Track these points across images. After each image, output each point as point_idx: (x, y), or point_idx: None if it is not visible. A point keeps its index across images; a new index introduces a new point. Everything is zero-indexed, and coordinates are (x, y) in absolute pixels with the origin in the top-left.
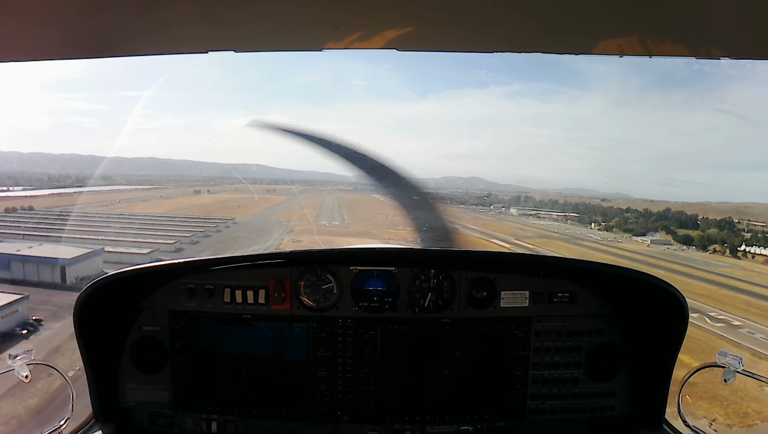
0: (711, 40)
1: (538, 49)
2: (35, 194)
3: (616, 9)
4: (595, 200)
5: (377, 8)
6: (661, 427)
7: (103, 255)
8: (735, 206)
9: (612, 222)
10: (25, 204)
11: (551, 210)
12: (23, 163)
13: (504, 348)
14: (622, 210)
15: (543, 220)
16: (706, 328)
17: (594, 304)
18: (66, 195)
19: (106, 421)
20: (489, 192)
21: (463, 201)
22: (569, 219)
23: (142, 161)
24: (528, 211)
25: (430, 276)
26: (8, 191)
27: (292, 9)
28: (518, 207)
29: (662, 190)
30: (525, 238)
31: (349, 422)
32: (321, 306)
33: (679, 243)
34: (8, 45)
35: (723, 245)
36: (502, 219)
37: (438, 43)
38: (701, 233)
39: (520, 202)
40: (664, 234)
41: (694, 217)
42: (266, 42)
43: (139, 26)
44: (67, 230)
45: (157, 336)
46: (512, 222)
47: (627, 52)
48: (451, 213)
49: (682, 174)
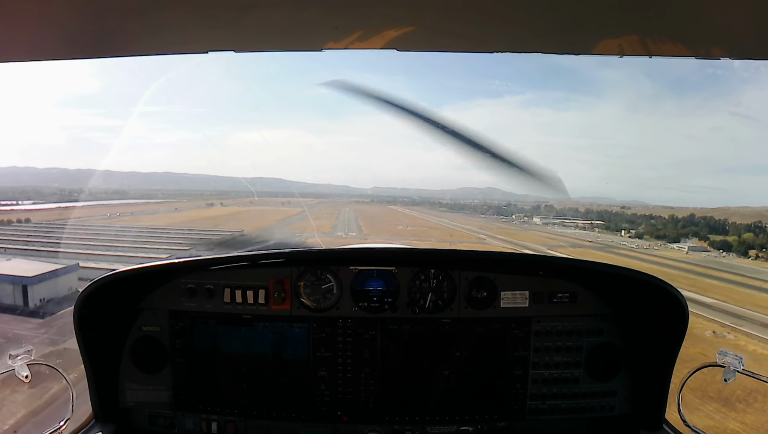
0: (711, 40)
1: (538, 49)
2: (41, 208)
3: (616, 9)
4: (615, 207)
5: (377, 8)
6: (661, 427)
7: (78, 271)
8: (757, 210)
9: (641, 229)
10: (29, 217)
11: (574, 218)
12: (38, 177)
13: (504, 348)
14: (647, 216)
15: (569, 229)
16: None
17: (594, 304)
18: (71, 208)
19: (106, 421)
20: (507, 202)
21: (483, 211)
22: (596, 228)
23: (157, 175)
24: (551, 219)
25: (430, 276)
26: (16, 205)
27: (292, 9)
28: (541, 216)
29: (678, 196)
30: (558, 248)
31: (349, 422)
32: (321, 306)
33: (715, 249)
34: (8, 45)
35: (762, 250)
36: (527, 228)
37: (438, 44)
38: (738, 238)
39: (540, 211)
40: (697, 241)
41: (722, 221)
42: (266, 42)
43: (138, 26)
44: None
45: (157, 336)
46: (538, 232)
47: (627, 52)
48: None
49: (698, 179)
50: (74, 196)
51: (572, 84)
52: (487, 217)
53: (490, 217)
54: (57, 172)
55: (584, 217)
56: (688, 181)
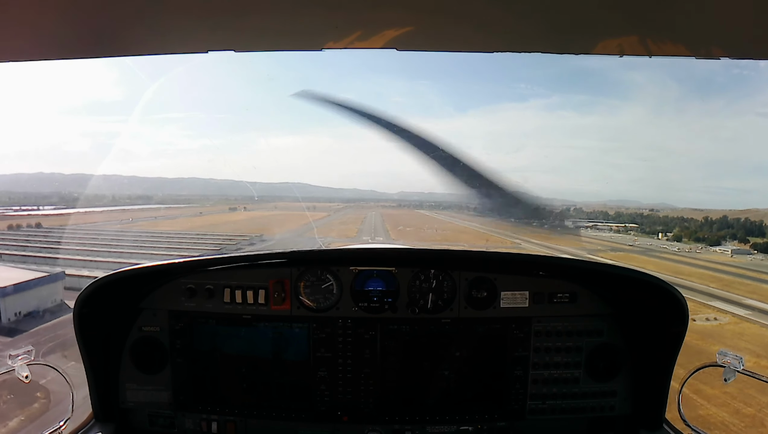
0: (711, 40)
1: (538, 49)
2: (60, 213)
3: (616, 9)
4: (643, 210)
5: (377, 8)
6: (661, 427)
7: (65, 280)
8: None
9: (676, 232)
10: (40, 222)
11: (605, 221)
12: (64, 183)
13: (504, 349)
14: (679, 219)
15: (603, 232)
16: None
17: (594, 304)
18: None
19: (106, 421)
20: (536, 205)
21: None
22: (630, 231)
23: (183, 181)
24: (584, 223)
25: (430, 276)
26: (37, 210)
27: (292, 9)
28: (571, 219)
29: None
30: (597, 252)
31: (349, 422)
32: (321, 306)
33: (760, 251)
34: (7, 45)
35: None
36: (558, 231)
37: (438, 44)
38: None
39: (569, 214)
40: (737, 243)
41: (758, 223)
42: (266, 42)
43: (138, 26)
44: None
45: (157, 336)
46: (572, 236)
47: (627, 52)
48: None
49: (725, 181)
50: (96, 201)
51: (597, 86)
52: (516, 220)
53: (518, 220)
54: (83, 177)
55: (614, 220)
56: (715, 183)
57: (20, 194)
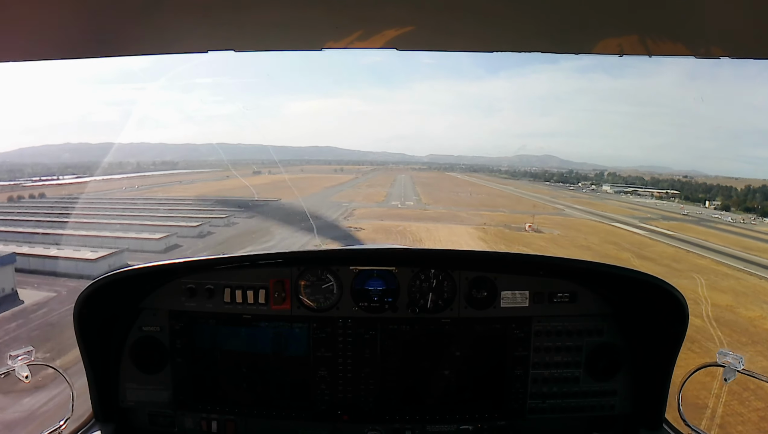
0: (711, 39)
1: (538, 48)
2: (79, 181)
3: (616, 9)
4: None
5: (377, 8)
6: (661, 426)
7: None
8: None
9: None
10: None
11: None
12: (90, 153)
13: (504, 348)
14: (719, 187)
15: (644, 198)
16: None
17: (594, 304)
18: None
19: (106, 421)
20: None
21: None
22: (673, 197)
23: (211, 147)
24: (624, 188)
25: (430, 276)
26: (56, 179)
27: (293, 9)
28: (608, 184)
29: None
30: (650, 221)
31: (349, 421)
32: (321, 306)
33: None
34: (6, 45)
35: None
36: (599, 197)
37: (438, 43)
38: None
39: (603, 179)
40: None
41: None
42: (266, 41)
43: (138, 26)
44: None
45: (157, 336)
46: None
47: (627, 52)
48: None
49: (758, 150)
50: (118, 169)
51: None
52: (552, 184)
53: (554, 184)
54: (110, 146)
55: (652, 185)
56: (748, 151)
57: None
